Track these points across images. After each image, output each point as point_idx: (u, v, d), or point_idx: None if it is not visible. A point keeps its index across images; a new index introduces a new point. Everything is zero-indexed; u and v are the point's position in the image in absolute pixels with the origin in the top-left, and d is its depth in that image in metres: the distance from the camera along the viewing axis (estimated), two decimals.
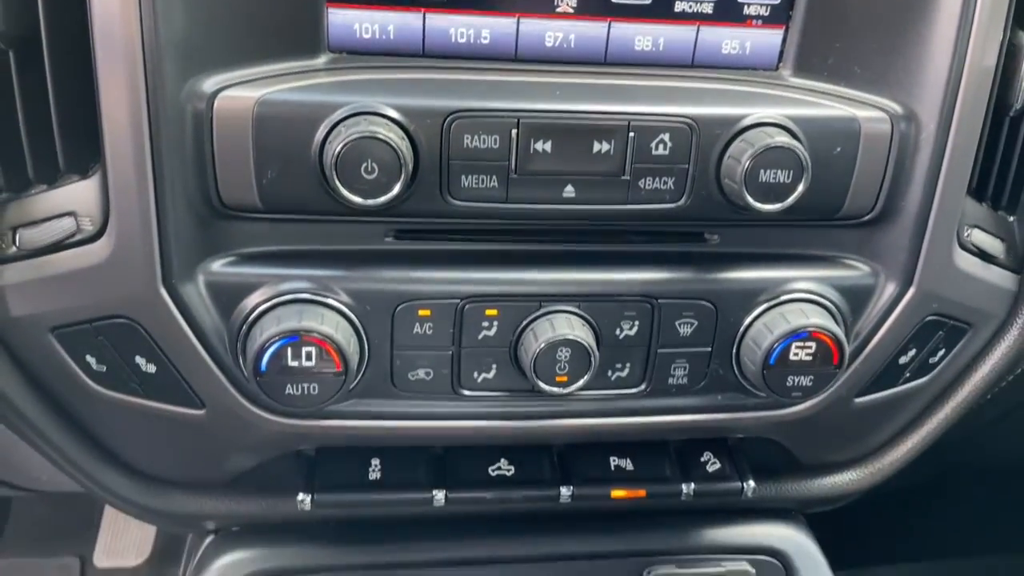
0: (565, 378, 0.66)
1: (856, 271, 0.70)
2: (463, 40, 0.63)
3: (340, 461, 0.75)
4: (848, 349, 0.68)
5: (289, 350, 0.62)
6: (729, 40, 0.66)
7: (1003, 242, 0.74)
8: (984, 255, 0.73)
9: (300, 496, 0.73)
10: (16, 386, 0.68)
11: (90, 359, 0.65)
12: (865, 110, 0.64)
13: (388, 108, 0.58)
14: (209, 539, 0.80)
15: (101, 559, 1.75)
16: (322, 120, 0.58)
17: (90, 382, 0.66)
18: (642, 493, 0.77)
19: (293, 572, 0.78)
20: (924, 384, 0.78)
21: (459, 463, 0.77)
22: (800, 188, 0.61)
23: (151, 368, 0.65)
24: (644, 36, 0.64)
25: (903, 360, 0.74)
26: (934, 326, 0.73)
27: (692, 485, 0.77)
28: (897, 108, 0.64)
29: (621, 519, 0.84)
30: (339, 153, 0.56)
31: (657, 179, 0.63)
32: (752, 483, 0.78)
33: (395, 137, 0.57)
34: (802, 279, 0.69)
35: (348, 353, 0.62)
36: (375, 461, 0.76)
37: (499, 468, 0.77)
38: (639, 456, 0.79)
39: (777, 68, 0.67)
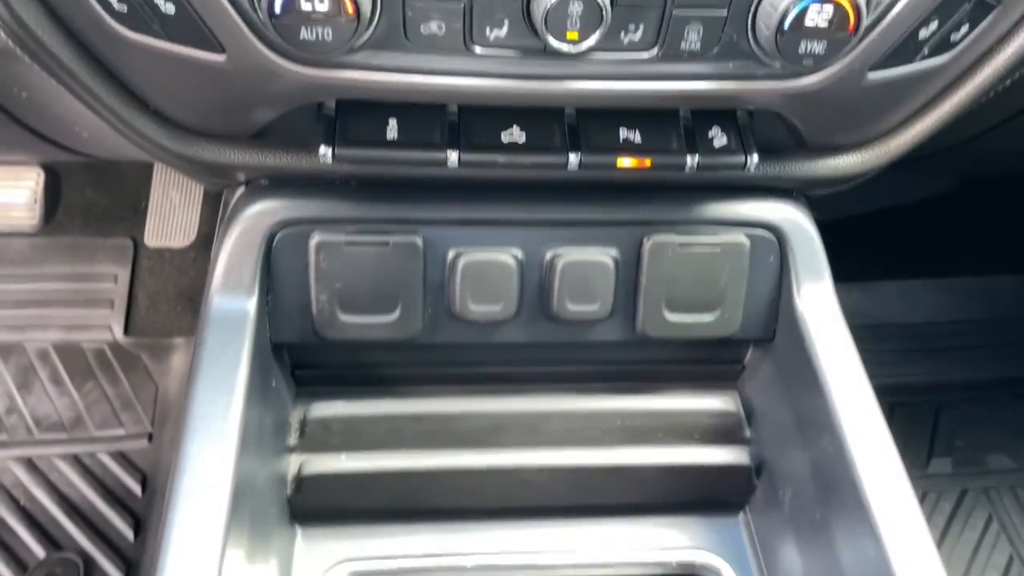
0: (576, 35, 0.67)
1: None
2: None
3: (359, 119, 0.79)
4: (866, 15, 0.67)
5: None
6: None
7: None
8: None
9: (322, 149, 0.77)
10: (46, 28, 0.70)
11: None
12: None
13: None
14: (240, 190, 0.86)
15: (151, 240, 1.88)
16: None
17: (113, 23, 0.68)
18: (647, 163, 0.80)
19: (317, 221, 0.84)
20: (941, 64, 0.77)
21: (472, 128, 0.80)
22: None
23: (170, 8, 0.66)
24: None
25: (923, 34, 0.73)
26: None
27: (696, 157, 0.80)
28: None
29: (625, 191, 0.88)
30: None
31: None
32: (756, 158, 0.80)
33: None
34: None
35: None
36: (392, 121, 0.79)
37: (511, 134, 0.80)
38: (647, 129, 0.81)
39: None
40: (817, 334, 0.86)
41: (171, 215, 1.88)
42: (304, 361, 0.93)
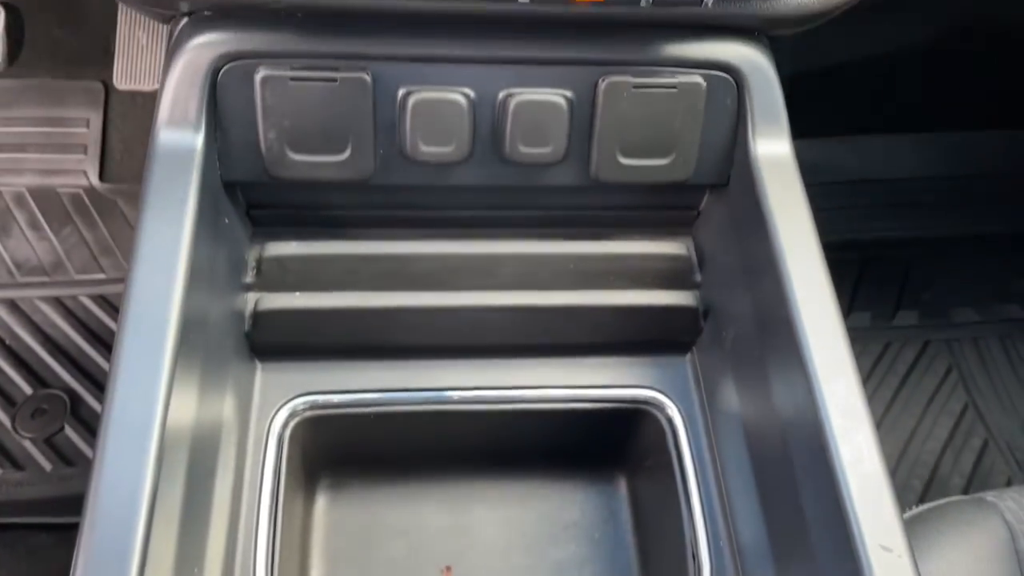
0: None
1: None
2: None
3: None
4: None
5: None
6: None
7: None
8: None
9: None
10: None
11: None
12: None
13: None
14: (184, 22, 0.83)
15: (120, 82, 1.84)
16: None
17: None
18: None
19: (263, 55, 0.82)
20: None
21: None
22: None
23: None
24: None
25: None
26: None
27: None
28: None
29: (580, 31, 0.85)
30: None
31: None
32: None
33: None
34: None
35: None
36: None
37: None
38: None
39: None
40: (768, 177, 0.86)
41: (139, 57, 1.83)
42: (258, 201, 0.93)
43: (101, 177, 1.85)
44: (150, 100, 1.88)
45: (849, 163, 1.99)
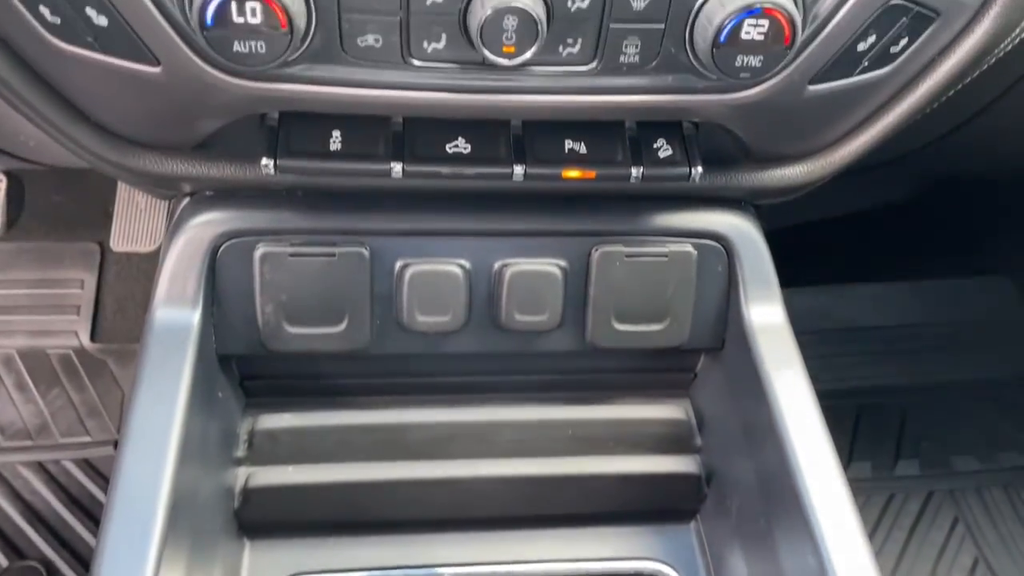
0: (512, 48, 0.67)
1: None
2: None
3: (302, 130, 0.78)
4: (801, 29, 0.67)
5: (233, 6, 0.62)
6: None
7: None
8: None
9: (264, 161, 0.77)
10: None
11: (44, 10, 0.66)
12: None
13: None
14: (185, 201, 0.85)
15: (117, 244, 1.86)
16: None
17: (47, 34, 0.67)
18: (592, 175, 0.80)
19: (262, 233, 0.83)
20: (883, 76, 0.77)
21: (417, 139, 0.79)
22: None
23: (102, 20, 0.66)
24: None
25: (861, 47, 0.73)
26: (898, 11, 0.71)
27: (641, 169, 0.80)
28: None
29: (572, 202, 0.88)
30: None
31: None
32: (700, 169, 0.80)
33: None
34: None
35: (293, 11, 0.63)
36: (336, 133, 0.79)
37: (456, 146, 0.80)
38: (593, 140, 0.81)
39: None
40: (764, 343, 0.87)
41: (137, 219, 1.86)
42: (253, 372, 0.93)
43: (92, 337, 1.84)
44: (145, 260, 1.90)
45: (839, 311, 2.02)
